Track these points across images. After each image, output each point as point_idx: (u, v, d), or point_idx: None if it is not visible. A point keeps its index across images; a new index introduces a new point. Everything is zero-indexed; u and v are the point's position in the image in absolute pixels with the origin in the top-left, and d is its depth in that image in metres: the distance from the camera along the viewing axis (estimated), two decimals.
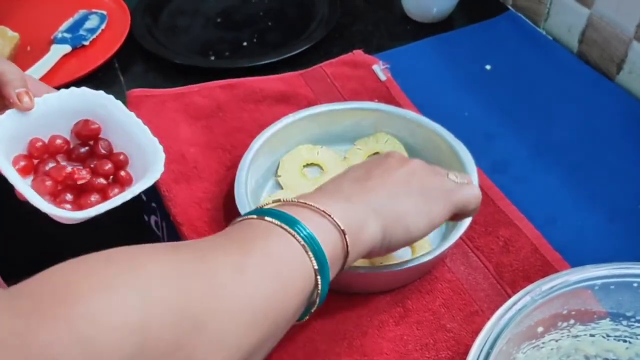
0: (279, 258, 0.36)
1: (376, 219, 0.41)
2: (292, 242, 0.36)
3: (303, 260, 0.36)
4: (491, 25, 0.84)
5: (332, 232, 0.38)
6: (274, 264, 0.35)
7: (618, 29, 0.72)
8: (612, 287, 0.43)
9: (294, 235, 0.36)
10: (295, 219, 0.37)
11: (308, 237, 0.36)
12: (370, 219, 0.41)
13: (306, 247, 0.36)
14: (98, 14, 0.84)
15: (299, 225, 0.37)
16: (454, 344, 0.50)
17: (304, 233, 0.36)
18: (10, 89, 0.47)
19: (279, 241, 0.36)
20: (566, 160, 0.65)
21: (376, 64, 0.75)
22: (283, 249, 0.36)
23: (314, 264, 0.36)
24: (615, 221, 0.59)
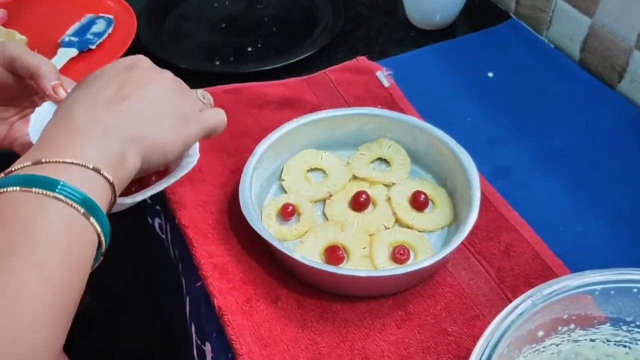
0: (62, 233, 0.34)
1: (135, 150, 0.41)
2: (65, 209, 0.35)
3: (84, 223, 0.36)
4: (494, 33, 0.84)
5: (101, 182, 0.38)
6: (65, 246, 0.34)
7: (619, 38, 0.73)
8: (612, 293, 0.43)
9: (66, 201, 0.35)
10: (56, 181, 0.35)
11: (82, 199, 0.35)
12: (130, 152, 0.40)
13: (82, 210, 0.35)
14: (105, 18, 0.85)
15: (66, 188, 0.35)
16: (455, 347, 0.50)
17: (77, 196, 0.35)
18: (46, 81, 0.48)
19: (53, 212, 0.34)
20: (567, 166, 0.66)
21: (380, 71, 0.76)
22: (61, 219, 0.35)
23: (95, 226, 0.36)
24: (615, 227, 0.60)
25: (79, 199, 0.35)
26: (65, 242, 0.34)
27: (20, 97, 0.53)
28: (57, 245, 0.34)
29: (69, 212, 0.35)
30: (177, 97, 0.45)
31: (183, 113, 0.45)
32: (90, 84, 0.43)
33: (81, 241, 0.35)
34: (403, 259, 0.55)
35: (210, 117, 0.47)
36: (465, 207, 0.56)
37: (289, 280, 0.55)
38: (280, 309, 0.53)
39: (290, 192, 0.61)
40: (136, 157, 0.41)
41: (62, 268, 0.34)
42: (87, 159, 0.37)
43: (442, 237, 0.58)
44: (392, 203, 0.60)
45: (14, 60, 0.49)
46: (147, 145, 0.42)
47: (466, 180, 0.57)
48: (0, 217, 0.34)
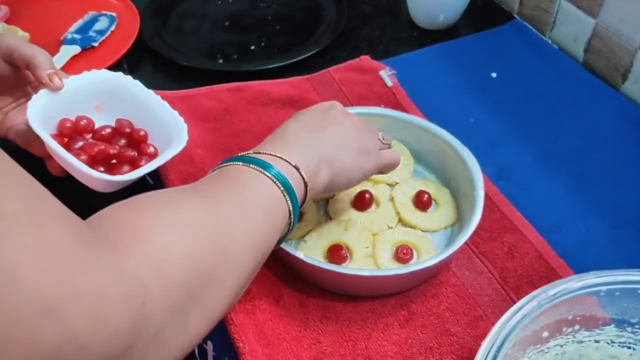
0: (267, 199, 0.43)
1: (327, 168, 0.49)
2: (273, 187, 0.44)
3: (283, 201, 0.44)
4: (497, 34, 0.84)
5: (299, 179, 0.46)
6: (264, 205, 0.43)
7: (623, 39, 0.72)
8: (617, 294, 0.43)
9: (275, 181, 0.44)
10: (274, 168, 0.45)
11: (285, 184, 0.44)
12: (323, 167, 0.48)
13: (284, 191, 0.44)
14: (107, 16, 0.85)
15: (280, 175, 0.44)
16: (457, 347, 0.50)
17: (282, 179, 0.44)
18: (42, 70, 0.51)
19: (264, 186, 0.44)
20: (571, 167, 0.66)
21: (383, 70, 0.76)
22: (268, 192, 0.44)
23: (289, 204, 0.44)
24: (619, 228, 0.60)
25: (280, 180, 0.44)
26: (265, 206, 0.43)
27: (15, 87, 0.56)
28: (258, 204, 0.42)
29: (271, 187, 0.44)
30: (362, 134, 0.52)
31: (366, 148, 0.52)
32: (300, 115, 0.52)
33: (276, 210, 0.44)
34: (406, 259, 0.55)
35: (386, 155, 0.54)
36: (469, 207, 0.56)
37: (291, 279, 0.55)
38: (283, 308, 0.53)
39: None
40: (327, 174, 0.48)
41: (259, 218, 0.42)
42: (292, 159, 0.46)
43: (445, 237, 0.58)
44: (396, 202, 0.60)
45: (11, 52, 0.52)
46: (336, 167, 0.49)
47: (470, 180, 0.57)
48: (225, 178, 0.44)
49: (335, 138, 0.50)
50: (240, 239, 0.40)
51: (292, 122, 0.51)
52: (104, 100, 0.57)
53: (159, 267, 0.33)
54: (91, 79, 0.55)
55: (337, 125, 0.51)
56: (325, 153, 0.49)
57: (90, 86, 0.55)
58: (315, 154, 0.48)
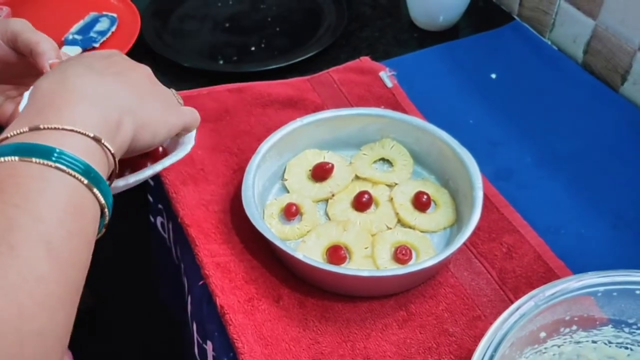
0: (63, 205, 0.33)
1: (130, 121, 0.40)
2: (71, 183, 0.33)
3: (86, 195, 0.34)
4: (497, 35, 0.85)
5: (101, 154, 0.36)
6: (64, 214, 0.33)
7: (623, 40, 0.73)
8: (615, 294, 0.43)
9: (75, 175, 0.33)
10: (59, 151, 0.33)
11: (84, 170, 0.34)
12: (125, 121, 0.39)
13: (86, 181, 0.34)
14: (108, 17, 0.85)
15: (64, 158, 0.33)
16: (456, 348, 0.50)
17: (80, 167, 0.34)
18: (44, 59, 0.47)
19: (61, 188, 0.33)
20: (570, 168, 0.66)
21: (383, 71, 0.76)
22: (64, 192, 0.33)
23: (98, 196, 0.35)
24: (617, 229, 0.60)
25: (81, 169, 0.34)
26: (70, 216, 0.33)
27: (27, 76, 0.52)
28: (61, 219, 0.32)
29: (72, 184, 0.33)
30: (158, 87, 0.46)
31: (167, 102, 0.45)
32: (76, 58, 0.42)
33: (86, 214, 0.34)
34: (405, 260, 0.55)
35: (187, 113, 0.48)
36: (468, 208, 0.56)
37: (291, 280, 0.55)
38: (282, 309, 0.53)
39: (292, 191, 0.61)
40: (130, 128, 0.40)
41: (69, 243, 0.32)
42: (87, 126, 0.35)
43: (444, 237, 0.58)
44: (395, 203, 0.60)
45: (15, 37, 0.48)
46: (139, 120, 0.40)
47: (469, 181, 0.57)
48: (3, 194, 0.32)
49: (132, 86, 0.41)
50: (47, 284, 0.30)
51: (71, 65, 0.40)
52: None
53: None
54: None
55: (129, 72, 0.42)
56: (125, 102, 0.39)
57: None
58: (114, 103, 0.38)
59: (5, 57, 0.49)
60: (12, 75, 0.52)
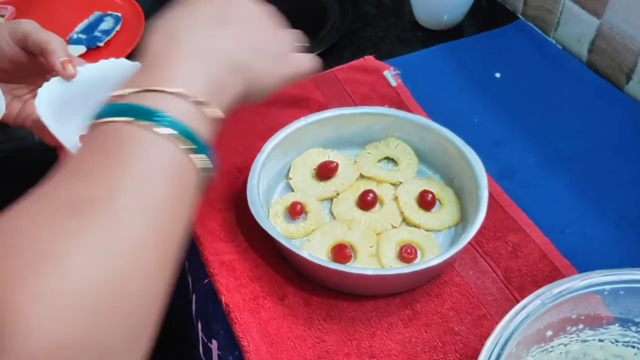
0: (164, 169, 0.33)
1: (237, 77, 0.39)
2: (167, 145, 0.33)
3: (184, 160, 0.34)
4: (501, 34, 0.84)
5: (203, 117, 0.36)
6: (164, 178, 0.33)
7: (627, 39, 0.72)
8: (622, 293, 0.43)
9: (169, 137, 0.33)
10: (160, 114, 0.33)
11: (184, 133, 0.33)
12: (232, 78, 0.38)
13: (184, 146, 0.33)
14: (113, 16, 0.86)
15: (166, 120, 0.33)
16: (461, 346, 0.50)
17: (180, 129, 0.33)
18: (55, 57, 0.49)
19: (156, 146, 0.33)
20: (575, 167, 0.66)
21: (387, 70, 0.76)
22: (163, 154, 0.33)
23: (195, 161, 0.34)
24: (622, 228, 0.60)
25: (182, 133, 0.33)
26: (169, 180, 0.33)
27: (34, 75, 0.54)
28: (161, 184, 0.32)
29: (172, 148, 0.33)
30: (276, 32, 0.43)
31: (282, 50, 0.43)
32: (192, 5, 0.40)
33: (185, 178, 0.34)
34: (410, 258, 0.55)
35: (302, 61, 0.45)
36: (473, 207, 0.56)
37: (296, 278, 0.55)
38: (288, 307, 0.53)
39: (297, 190, 0.61)
40: (238, 86, 0.39)
41: (167, 207, 0.32)
42: (192, 88, 0.35)
43: (449, 236, 0.58)
44: (400, 202, 0.60)
45: (26, 38, 0.50)
46: (249, 76, 0.40)
47: (474, 180, 0.57)
48: (103, 151, 0.32)
49: (245, 35, 0.40)
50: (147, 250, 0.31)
51: (183, 14, 0.40)
52: None
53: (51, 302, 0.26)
54: (108, 67, 0.53)
55: (246, 19, 0.41)
56: (234, 56, 0.38)
57: (107, 75, 0.52)
58: (220, 59, 0.37)
59: (16, 57, 0.51)
60: (21, 75, 0.53)
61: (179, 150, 0.33)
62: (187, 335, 0.66)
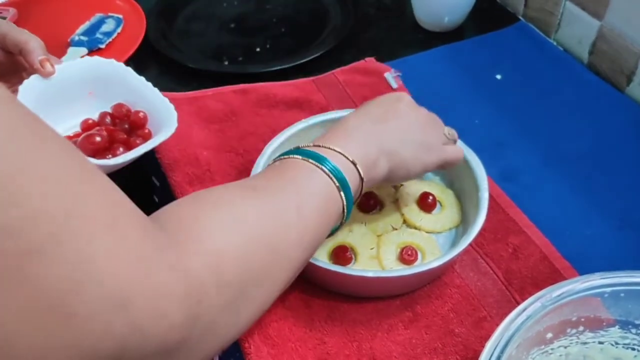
0: (322, 197, 0.44)
1: (386, 160, 0.49)
2: (330, 184, 0.45)
3: (337, 198, 0.45)
4: (502, 36, 0.85)
5: (354, 173, 0.47)
6: (319, 202, 0.44)
7: (628, 41, 0.73)
8: (622, 295, 0.43)
9: (331, 177, 0.45)
10: (326, 159, 0.45)
11: (342, 180, 0.45)
12: (382, 159, 0.49)
13: (339, 187, 0.45)
14: (114, 18, 0.86)
15: (330, 164, 0.45)
16: (462, 348, 0.50)
17: (339, 175, 0.45)
18: (33, 56, 0.52)
19: (320, 182, 0.45)
20: (575, 169, 0.66)
21: (388, 72, 0.76)
22: (325, 188, 0.45)
23: (343, 201, 0.46)
24: (624, 230, 0.60)
25: (336, 175, 0.45)
26: (320, 202, 0.44)
27: (9, 74, 0.56)
28: (314, 201, 0.44)
29: (327, 182, 0.45)
30: (427, 128, 0.52)
31: (428, 142, 0.52)
32: (365, 105, 0.53)
33: (330, 205, 0.45)
34: (411, 260, 0.55)
35: (449, 151, 0.54)
36: (474, 208, 0.56)
37: (296, 280, 0.54)
38: (288, 309, 0.53)
39: None
40: (385, 166, 0.49)
41: (314, 215, 0.43)
42: (349, 153, 0.47)
43: (450, 238, 0.58)
44: (400, 204, 0.60)
45: (3, 37, 0.53)
46: (396, 160, 0.50)
47: (474, 182, 0.57)
48: (283, 174, 0.45)
49: (398, 131, 0.50)
50: (294, 238, 0.42)
51: (356, 112, 0.52)
52: (97, 87, 0.57)
53: (216, 267, 0.35)
54: (84, 65, 0.56)
55: (401, 119, 0.51)
56: (386, 145, 0.49)
57: (83, 72, 0.56)
58: (375, 145, 0.49)
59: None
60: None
61: (332, 185, 0.45)
62: None
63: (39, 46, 0.53)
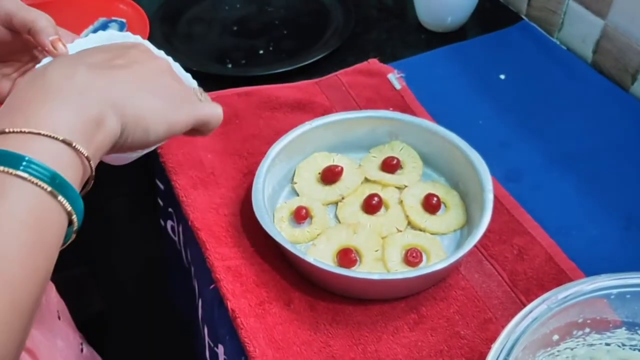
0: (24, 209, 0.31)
1: (115, 114, 0.37)
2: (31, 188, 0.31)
3: (50, 202, 0.32)
4: (505, 35, 0.84)
5: (73, 157, 0.34)
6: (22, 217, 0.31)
7: (632, 40, 0.72)
8: (628, 297, 0.43)
9: (31, 180, 0.31)
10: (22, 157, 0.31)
11: (50, 176, 0.32)
12: (109, 115, 0.36)
13: (49, 188, 0.32)
14: (117, 22, 0.86)
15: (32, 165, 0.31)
16: (467, 350, 0.50)
17: (44, 173, 0.32)
18: (44, 36, 0.46)
19: (17, 189, 0.31)
20: (580, 169, 0.65)
21: (391, 73, 0.76)
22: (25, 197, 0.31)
23: (64, 203, 0.32)
24: (629, 230, 0.60)
25: (46, 176, 0.31)
26: (29, 226, 0.31)
27: (20, 52, 0.52)
28: (18, 230, 0.30)
29: (34, 191, 0.31)
30: (172, 82, 0.42)
31: (174, 96, 0.41)
32: (83, 51, 0.40)
33: (48, 223, 0.32)
34: (415, 262, 0.55)
35: (205, 109, 0.43)
36: (478, 210, 0.56)
37: (301, 283, 0.55)
38: (293, 312, 0.53)
39: (302, 194, 0.61)
40: (116, 125, 0.36)
41: (25, 256, 0.30)
42: (57, 127, 0.33)
43: (455, 240, 0.58)
44: (405, 206, 0.60)
45: (10, 17, 0.48)
46: (129, 114, 0.37)
47: (479, 183, 0.57)
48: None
49: (131, 79, 0.39)
50: None
51: (63, 58, 0.39)
52: None
53: None
54: (98, 40, 0.49)
55: (136, 66, 0.40)
56: (113, 95, 0.37)
57: None
58: (95, 96, 0.36)
59: (2, 37, 0.49)
60: (6, 53, 0.51)
61: (41, 192, 0.31)
62: (194, 339, 0.67)
63: (49, 24, 0.47)
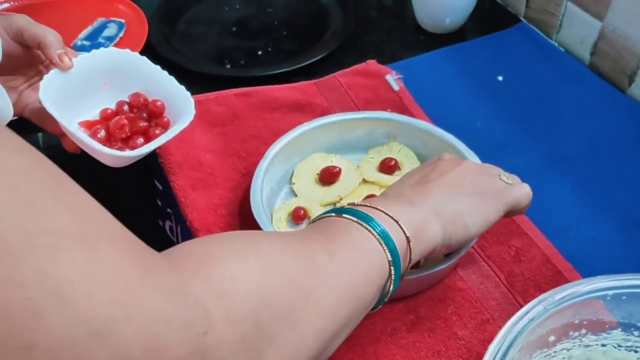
0: (359, 247, 0.40)
1: (436, 219, 0.45)
2: (368, 236, 0.41)
3: (379, 250, 0.41)
4: (503, 37, 0.85)
5: (399, 232, 0.43)
6: (356, 252, 0.40)
7: (630, 42, 0.72)
8: (624, 298, 0.43)
9: (370, 229, 0.41)
10: (370, 217, 0.42)
11: (382, 232, 0.41)
12: (431, 220, 0.45)
13: (381, 240, 0.41)
14: (116, 22, 0.86)
15: (373, 222, 0.41)
16: (465, 351, 0.50)
17: (378, 229, 0.41)
18: (52, 50, 0.52)
19: (358, 234, 0.41)
20: (578, 170, 0.66)
21: (389, 74, 0.76)
22: (362, 240, 0.41)
23: (387, 255, 0.41)
24: (626, 232, 0.60)
25: (377, 229, 0.41)
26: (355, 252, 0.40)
27: (27, 67, 0.57)
28: (348, 250, 0.40)
29: (365, 235, 0.41)
30: (477, 177, 0.49)
31: (481, 190, 0.48)
32: (405, 175, 0.51)
33: (370, 260, 0.41)
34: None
35: (512, 193, 0.49)
36: None
37: None
38: None
39: (300, 195, 0.62)
40: (438, 226, 0.45)
41: (349, 265, 0.39)
42: (391, 212, 0.43)
43: None
44: None
45: (21, 32, 0.53)
46: (447, 215, 0.45)
47: None
48: (314, 227, 0.43)
49: (443, 188, 0.47)
50: (323, 280, 0.37)
51: (396, 182, 0.50)
52: (113, 78, 0.57)
53: (225, 298, 0.31)
54: (100, 56, 0.56)
55: (444, 176, 0.48)
56: (432, 205, 0.46)
57: (99, 64, 0.56)
58: (421, 208, 0.45)
59: (12, 51, 0.54)
60: (14, 67, 0.56)
61: (372, 238, 0.41)
62: None
63: (57, 40, 0.53)
